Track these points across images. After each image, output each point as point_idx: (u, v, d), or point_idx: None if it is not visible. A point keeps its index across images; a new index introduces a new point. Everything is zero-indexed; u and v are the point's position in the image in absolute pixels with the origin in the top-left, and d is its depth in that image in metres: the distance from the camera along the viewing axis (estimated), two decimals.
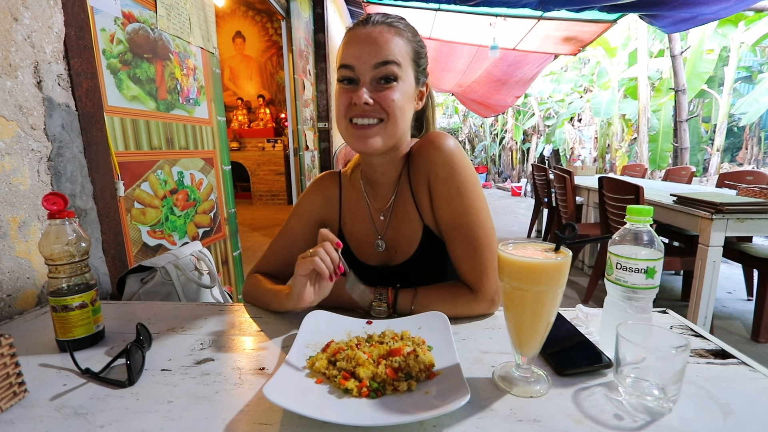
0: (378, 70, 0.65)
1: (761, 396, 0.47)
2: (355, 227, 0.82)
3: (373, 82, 0.66)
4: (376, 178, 0.78)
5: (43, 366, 0.55)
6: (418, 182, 0.74)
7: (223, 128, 1.72)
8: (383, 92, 0.65)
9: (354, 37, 0.67)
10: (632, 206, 0.53)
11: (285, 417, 0.44)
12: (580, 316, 0.68)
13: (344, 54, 0.67)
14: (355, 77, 0.66)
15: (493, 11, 3.75)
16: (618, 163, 8.04)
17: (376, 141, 0.67)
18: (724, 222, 1.77)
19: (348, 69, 0.66)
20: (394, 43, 0.66)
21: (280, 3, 2.97)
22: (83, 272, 0.61)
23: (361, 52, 0.65)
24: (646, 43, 6.49)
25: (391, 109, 0.66)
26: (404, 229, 0.77)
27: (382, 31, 0.66)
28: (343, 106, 0.68)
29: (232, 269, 1.83)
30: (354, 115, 0.67)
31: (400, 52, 0.66)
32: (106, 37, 1.07)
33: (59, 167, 0.88)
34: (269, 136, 6.25)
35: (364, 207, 0.81)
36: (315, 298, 0.63)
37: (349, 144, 0.70)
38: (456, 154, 0.70)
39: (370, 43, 0.65)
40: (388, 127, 0.67)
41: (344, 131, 0.70)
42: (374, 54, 0.64)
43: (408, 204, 0.76)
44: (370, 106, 0.65)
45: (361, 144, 0.67)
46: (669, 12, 2.88)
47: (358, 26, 0.68)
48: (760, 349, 1.95)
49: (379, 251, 0.79)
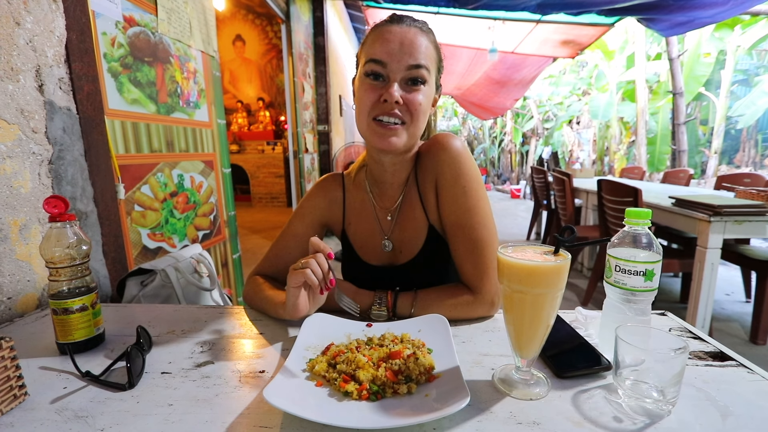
0: (410, 71, 0.65)
1: (760, 398, 0.47)
2: (360, 228, 0.82)
3: (402, 82, 0.66)
4: (386, 178, 0.78)
5: (43, 369, 0.55)
6: (426, 182, 0.75)
7: (223, 131, 1.72)
8: (411, 94, 0.66)
9: (388, 33, 0.66)
10: (631, 209, 0.53)
11: (285, 420, 0.44)
12: (580, 319, 0.68)
13: (375, 49, 0.66)
14: (384, 74, 0.66)
15: (492, 14, 3.77)
16: (616, 166, 8.06)
17: (398, 141, 0.68)
18: (722, 224, 1.77)
19: (379, 64, 0.66)
20: (426, 47, 0.67)
21: (280, 6, 2.98)
22: (84, 275, 0.61)
23: (395, 50, 0.65)
24: (644, 47, 6.53)
25: (417, 112, 0.67)
26: (410, 229, 0.77)
27: (417, 33, 0.66)
28: (369, 102, 0.67)
29: (231, 272, 1.82)
30: (380, 113, 0.67)
31: (430, 57, 0.67)
32: (107, 41, 1.07)
33: (60, 170, 0.88)
34: (269, 139, 6.26)
35: (370, 207, 0.81)
36: (310, 308, 0.63)
37: (371, 141, 0.70)
38: (463, 154, 0.71)
39: (406, 43, 0.65)
40: (410, 128, 0.68)
41: (366, 128, 0.69)
42: (409, 54, 0.65)
43: (415, 204, 0.77)
44: (399, 105, 0.66)
45: (384, 143, 0.68)
46: (666, 15, 2.90)
47: (390, 23, 0.67)
48: (758, 351, 1.95)
49: (385, 251, 0.80)
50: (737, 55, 6.42)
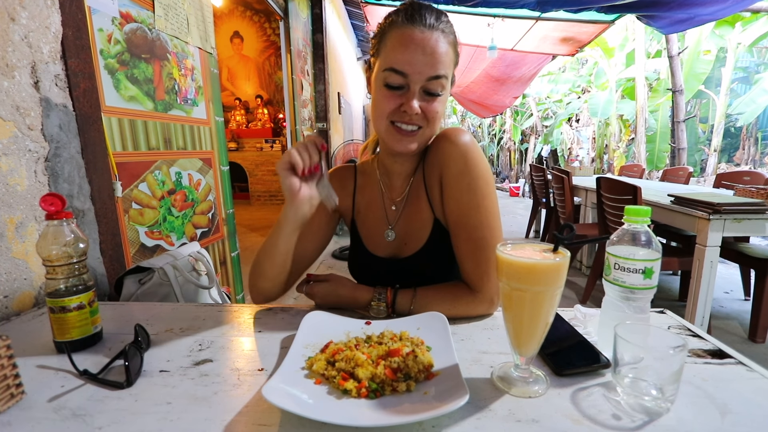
0: (430, 82, 0.65)
1: (758, 395, 0.47)
2: (368, 216, 0.83)
3: (421, 91, 0.66)
4: (395, 168, 0.79)
5: (40, 367, 0.55)
6: (432, 175, 0.75)
7: (221, 128, 1.72)
8: (431, 104, 0.67)
9: (409, 39, 0.64)
10: (630, 207, 0.53)
11: (284, 418, 0.44)
12: (579, 317, 0.68)
13: (396, 57, 0.64)
14: (405, 84, 0.66)
15: (492, 12, 3.76)
16: (616, 164, 8.06)
17: (414, 146, 0.70)
18: (721, 222, 1.77)
19: (400, 75, 0.65)
20: (446, 55, 0.66)
21: (278, 3, 2.96)
22: (81, 273, 0.60)
23: (417, 60, 0.63)
24: (644, 44, 6.52)
25: (434, 119, 0.69)
26: (415, 222, 0.78)
27: (438, 40, 0.64)
28: (389, 109, 0.68)
29: (230, 270, 1.82)
30: (399, 120, 0.68)
31: (449, 63, 0.67)
32: (103, 38, 1.07)
33: (57, 168, 0.87)
34: (267, 137, 6.24)
35: (379, 197, 0.82)
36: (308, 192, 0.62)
37: (388, 143, 0.71)
38: (471, 149, 0.70)
39: (428, 53, 0.63)
40: (426, 132, 0.70)
41: (384, 131, 0.70)
42: (431, 66, 0.64)
43: (421, 196, 0.77)
44: (417, 114, 0.67)
45: (402, 146, 0.70)
46: (666, 13, 2.89)
47: (412, 25, 0.64)
48: (757, 349, 1.96)
49: (388, 241, 0.80)
50: (737, 52, 6.41)
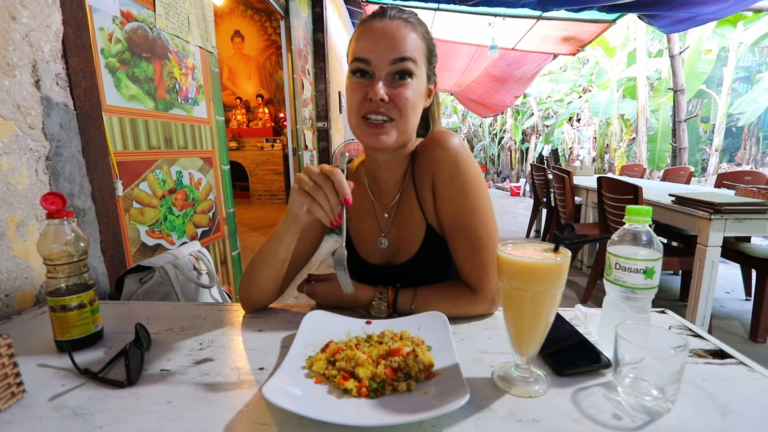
0: (394, 65, 0.64)
1: (759, 396, 0.47)
2: (359, 224, 0.82)
3: (389, 78, 0.65)
4: (381, 175, 0.78)
5: (41, 366, 0.55)
6: (422, 180, 0.74)
7: (222, 128, 1.72)
8: (398, 89, 0.65)
9: (370, 30, 0.65)
10: (631, 206, 0.53)
11: (284, 417, 0.44)
12: (579, 317, 0.68)
13: (359, 47, 0.65)
14: (369, 71, 0.65)
15: (493, 11, 3.75)
16: (617, 163, 8.05)
17: (388, 138, 0.67)
18: (722, 222, 1.77)
19: (363, 62, 0.65)
20: (410, 39, 0.65)
21: (279, 2, 2.96)
22: (82, 272, 0.60)
23: (378, 46, 0.64)
24: (645, 43, 6.51)
25: (404, 107, 0.66)
26: (408, 228, 0.77)
27: (400, 26, 0.65)
28: (357, 102, 0.66)
29: (230, 269, 1.82)
30: (368, 111, 0.66)
31: (416, 49, 0.66)
32: (104, 36, 1.07)
33: (57, 167, 0.87)
34: (268, 136, 6.24)
35: (369, 204, 0.81)
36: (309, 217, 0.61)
37: (361, 140, 0.69)
38: (461, 152, 0.69)
39: (388, 37, 0.63)
40: (399, 125, 0.67)
41: (356, 127, 0.69)
42: (392, 49, 0.64)
43: (412, 203, 0.76)
44: (385, 102, 0.64)
45: (374, 140, 0.67)
46: (668, 12, 2.89)
47: (373, 19, 0.66)
48: (758, 349, 1.96)
49: (381, 248, 0.79)
50: (739, 52, 6.40)
